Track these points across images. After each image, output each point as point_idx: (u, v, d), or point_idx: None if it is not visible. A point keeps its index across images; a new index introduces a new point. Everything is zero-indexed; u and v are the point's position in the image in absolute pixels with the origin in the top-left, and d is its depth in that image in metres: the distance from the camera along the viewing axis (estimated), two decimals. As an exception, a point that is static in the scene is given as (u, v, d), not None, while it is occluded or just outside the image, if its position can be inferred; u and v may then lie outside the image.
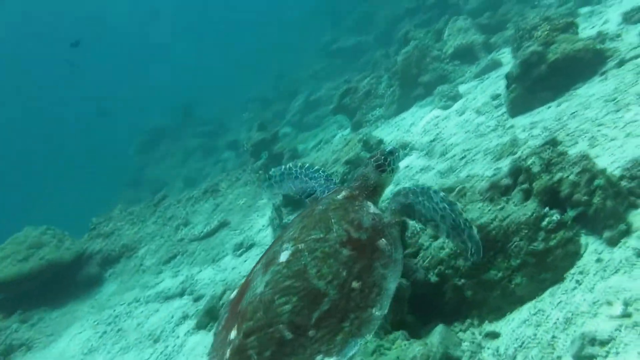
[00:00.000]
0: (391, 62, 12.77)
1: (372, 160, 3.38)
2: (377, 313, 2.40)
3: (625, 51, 7.40)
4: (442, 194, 2.97)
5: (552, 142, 5.14)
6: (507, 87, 8.08)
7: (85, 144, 32.37)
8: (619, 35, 8.03)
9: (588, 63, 7.64)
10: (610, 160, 5.19)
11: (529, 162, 4.77)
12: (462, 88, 10.68)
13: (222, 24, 46.58)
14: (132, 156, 24.01)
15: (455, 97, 9.99)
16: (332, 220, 2.74)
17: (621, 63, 7.25)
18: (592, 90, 7.13)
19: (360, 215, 2.83)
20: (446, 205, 2.87)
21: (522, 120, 7.60)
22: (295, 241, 2.65)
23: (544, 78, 7.71)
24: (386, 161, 3.34)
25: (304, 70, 23.91)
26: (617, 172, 4.75)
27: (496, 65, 10.74)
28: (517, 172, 4.89)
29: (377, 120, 12.04)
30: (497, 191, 5.10)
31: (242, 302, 2.51)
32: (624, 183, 4.61)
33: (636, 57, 6.98)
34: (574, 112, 6.72)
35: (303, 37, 28.68)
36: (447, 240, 3.29)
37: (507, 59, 10.72)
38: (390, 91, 11.96)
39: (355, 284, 2.45)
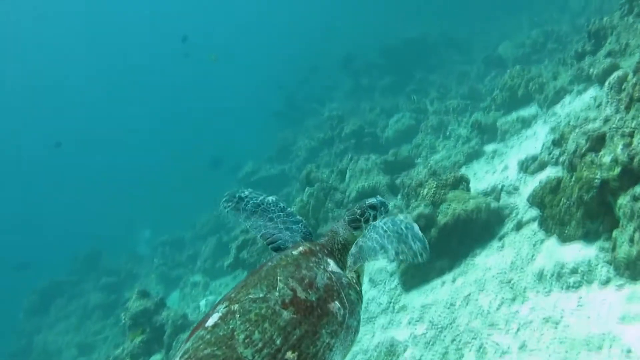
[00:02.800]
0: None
1: (346, 213, 2.93)
2: None
3: (522, 210, 6.70)
4: (386, 219, 2.64)
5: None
6: (398, 255, 7.08)
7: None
8: (516, 189, 7.42)
9: (484, 224, 6.86)
10: (500, 392, 4.07)
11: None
12: (364, 242, 9.72)
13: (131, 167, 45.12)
14: (21, 320, 21.37)
15: (354, 257, 8.95)
16: (279, 278, 2.38)
17: (519, 226, 6.51)
18: (490, 261, 6.26)
19: (314, 273, 2.48)
20: (390, 225, 2.54)
21: (415, 298, 6.57)
22: (230, 302, 2.31)
23: (437, 244, 6.80)
24: (362, 216, 2.82)
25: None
26: None
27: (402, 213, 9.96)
28: None
29: (278, 279, 10.74)
30: None
31: None
32: None
33: (533, 219, 6.22)
34: (467, 295, 5.75)
35: (222, 169, 28.23)
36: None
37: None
38: (290, 245, 10.85)
39: (290, 355, 2.13)
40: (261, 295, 2.29)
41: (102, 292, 20.10)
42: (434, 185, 7.13)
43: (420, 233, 2.52)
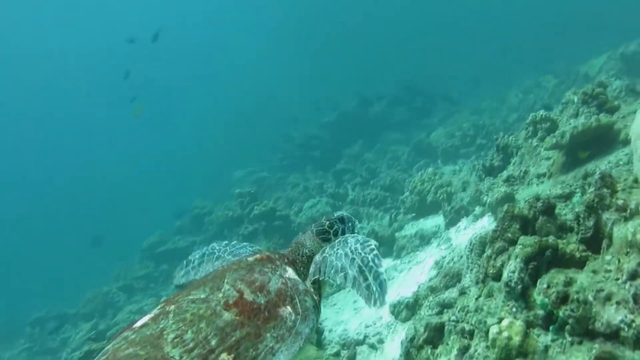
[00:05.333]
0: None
1: (314, 225, 2.94)
2: None
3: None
4: (359, 236, 2.61)
5: None
6: None
7: None
8: (381, 342, 6.41)
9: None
10: None
11: None
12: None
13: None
14: None
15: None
16: (226, 280, 2.32)
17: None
18: None
19: (268, 277, 2.41)
20: (359, 246, 2.53)
21: None
22: (166, 303, 2.24)
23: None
24: (331, 228, 2.83)
25: (114, 280, 21.12)
26: None
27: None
28: None
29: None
30: None
31: None
32: None
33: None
34: None
35: (127, 236, 26.46)
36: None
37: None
38: None
39: (225, 356, 2.02)
40: (202, 296, 2.21)
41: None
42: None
43: (383, 276, 2.46)
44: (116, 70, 29.79)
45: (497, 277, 4.25)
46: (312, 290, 2.57)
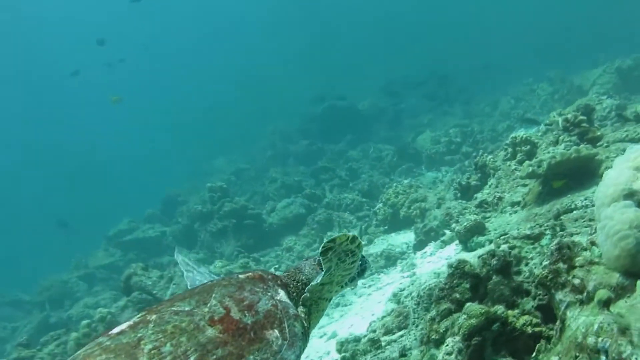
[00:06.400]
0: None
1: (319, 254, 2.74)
2: None
3: None
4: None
5: None
6: None
7: None
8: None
9: None
10: None
11: None
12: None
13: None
14: None
15: None
16: (213, 295, 2.26)
17: None
18: None
19: (258, 297, 2.34)
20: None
21: None
22: (148, 312, 2.17)
23: None
24: None
25: (75, 268, 20.49)
26: None
27: None
28: None
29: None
30: None
31: None
32: None
33: None
34: None
35: (94, 224, 25.82)
36: None
37: None
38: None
39: None
40: (186, 309, 2.16)
41: None
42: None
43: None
44: (99, 50, 28.82)
45: (439, 343, 3.77)
46: (302, 316, 2.48)
